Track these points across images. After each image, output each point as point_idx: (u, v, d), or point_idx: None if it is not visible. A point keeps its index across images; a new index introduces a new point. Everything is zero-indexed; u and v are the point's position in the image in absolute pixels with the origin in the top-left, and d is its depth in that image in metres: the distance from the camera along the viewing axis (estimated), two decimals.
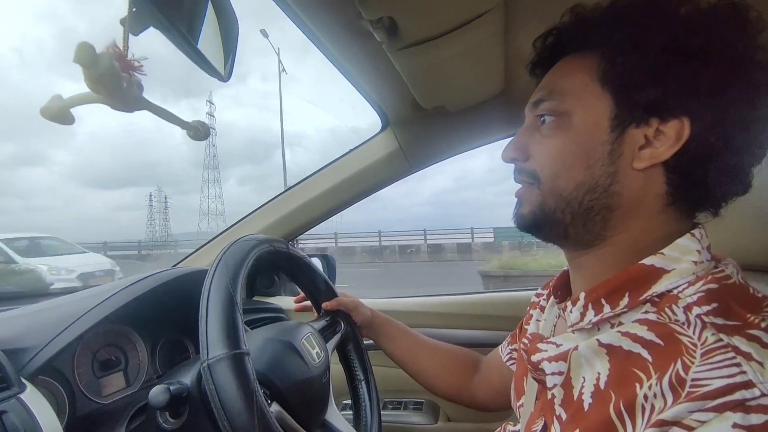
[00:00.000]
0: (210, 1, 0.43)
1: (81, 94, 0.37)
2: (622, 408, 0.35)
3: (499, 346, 0.76)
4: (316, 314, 0.86)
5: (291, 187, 1.10)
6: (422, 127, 0.98)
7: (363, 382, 0.81)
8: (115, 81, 0.36)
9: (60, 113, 0.37)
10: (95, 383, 0.70)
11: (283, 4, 0.58)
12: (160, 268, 0.86)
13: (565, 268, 0.56)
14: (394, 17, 0.58)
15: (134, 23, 0.34)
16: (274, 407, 0.57)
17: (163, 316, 0.82)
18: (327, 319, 0.81)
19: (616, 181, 0.43)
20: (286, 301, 1.20)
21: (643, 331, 0.38)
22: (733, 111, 0.39)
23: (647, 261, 0.41)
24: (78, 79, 0.36)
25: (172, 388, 0.54)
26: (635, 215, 0.43)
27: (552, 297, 0.59)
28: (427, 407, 1.10)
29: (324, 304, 0.82)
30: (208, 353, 0.49)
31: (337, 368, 0.79)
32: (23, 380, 0.52)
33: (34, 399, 0.51)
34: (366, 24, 0.59)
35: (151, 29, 0.36)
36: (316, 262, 1.37)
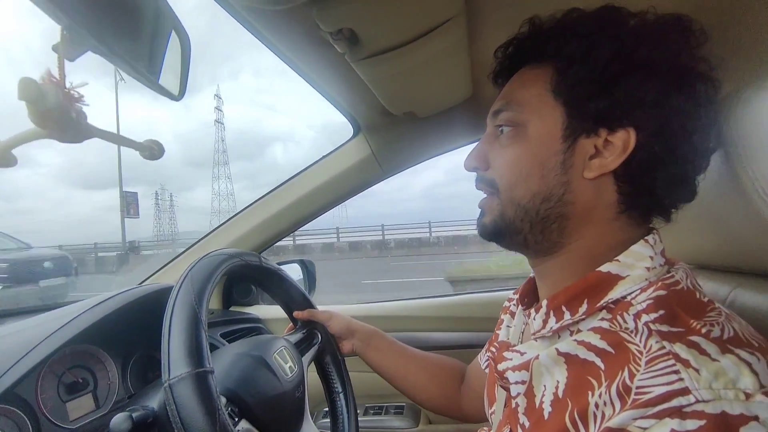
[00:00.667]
0: (155, 21, 0.42)
1: (23, 132, 0.36)
2: (576, 416, 0.36)
3: (479, 354, 0.76)
4: (292, 327, 0.85)
5: (263, 197, 1.08)
6: (393, 132, 0.97)
7: (341, 395, 0.81)
8: (63, 114, 0.34)
9: (1, 157, 0.35)
10: (61, 408, 0.68)
11: (241, 18, 0.57)
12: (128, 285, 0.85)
13: (531, 275, 0.56)
14: (353, 29, 0.57)
15: (69, 49, 0.33)
16: (243, 425, 0.56)
17: (134, 334, 0.80)
18: (304, 331, 0.80)
19: (569, 191, 0.44)
20: (263, 311, 1.19)
21: (596, 340, 0.39)
22: (675, 121, 0.40)
23: (603, 268, 0.42)
24: None
25: (134, 415, 0.53)
26: (589, 223, 0.44)
27: (520, 304, 0.60)
28: (408, 411, 1.10)
29: (295, 313, 0.81)
30: (170, 373, 0.48)
31: (315, 378, 0.79)
32: None
33: None
34: (326, 35, 0.59)
35: (89, 54, 0.34)
36: (295, 268, 1.35)
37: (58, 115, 0.34)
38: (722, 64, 0.42)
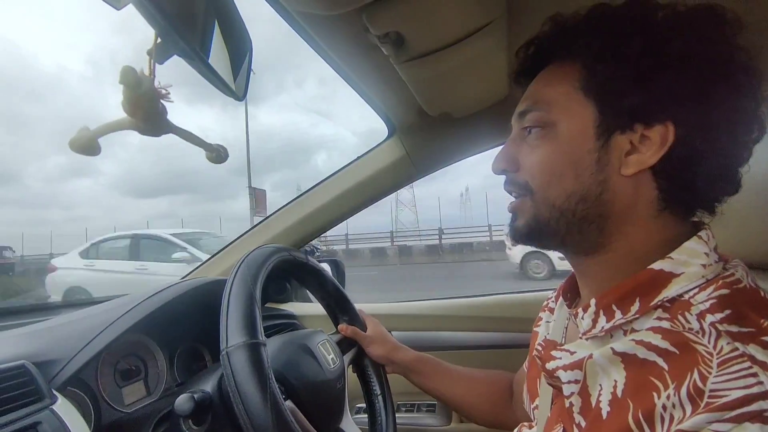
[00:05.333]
0: (225, 25, 0.45)
1: (109, 122, 0.40)
2: (641, 417, 0.35)
3: (524, 364, 0.75)
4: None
5: (299, 196, 1.12)
6: (428, 133, 0.99)
7: (379, 397, 0.82)
8: (152, 103, 0.38)
9: (88, 144, 0.39)
10: (118, 393, 0.72)
11: (294, 23, 0.60)
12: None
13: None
14: (400, 32, 0.60)
15: (160, 53, 0.36)
16: (289, 404, 0.59)
17: (180, 326, 0.84)
18: None
19: (606, 189, 0.43)
20: (297, 307, 1.21)
21: (657, 340, 0.38)
22: (716, 113, 0.39)
23: (655, 266, 0.41)
24: None
25: (196, 396, 0.56)
26: (630, 222, 0.43)
27: (561, 298, 0.60)
28: (440, 408, 1.11)
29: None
30: (227, 342, 0.52)
31: (351, 376, 0.80)
32: (54, 392, 0.55)
33: (65, 410, 0.53)
34: (373, 38, 0.61)
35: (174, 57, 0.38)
36: (326, 267, 1.38)
37: (148, 104, 0.38)
38: (762, 52, 0.41)
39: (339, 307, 0.85)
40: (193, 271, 1.19)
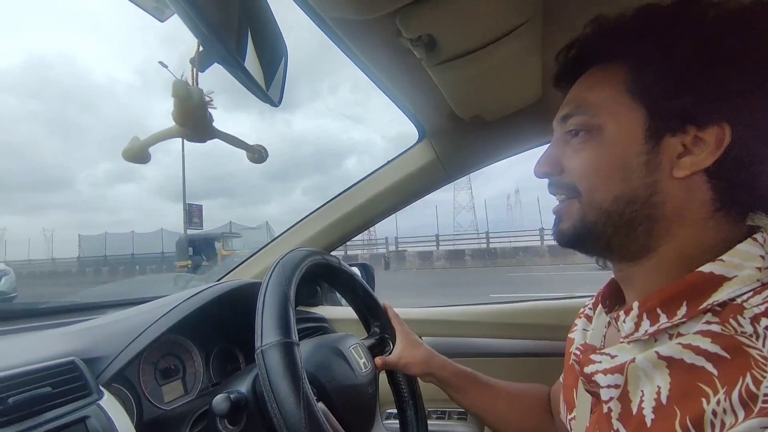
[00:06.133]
0: (261, 33, 0.47)
1: (158, 132, 0.42)
2: (689, 424, 0.34)
3: (561, 376, 0.72)
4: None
5: (331, 200, 1.13)
6: (459, 136, 0.98)
7: (411, 404, 0.81)
8: (203, 112, 0.40)
9: (139, 153, 0.41)
10: (158, 390, 0.74)
11: (326, 27, 0.61)
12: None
13: (612, 276, 0.55)
14: (433, 35, 0.60)
15: (202, 61, 0.37)
16: (320, 406, 0.59)
17: (216, 327, 0.86)
18: (376, 338, 0.82)
19: (657, 192, 0.42)
20: (328, 311, 1.23)
21: (706, 344, 0.36)
22: None
23: (705, 268, 0.40)
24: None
25: (232, 396, 0.57)
26: (681, 224, 0.42)
27: (599, 306, 0.58)
28: (471, 417, 1.09)
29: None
30: (262, 340, 0.53)
31: (382, 381, 0.80)
32: (101, 387, 0.57)
33: (111, 405, 0.55)
34: (405, 42, 0.61)
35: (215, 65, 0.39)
36: (356, 272, 1.40)
37: (198, 114, 0.39)
38: None
39: (370, 312, 0.85)
40: (227, 273, 1.23)
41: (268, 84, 0.48)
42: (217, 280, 1.19)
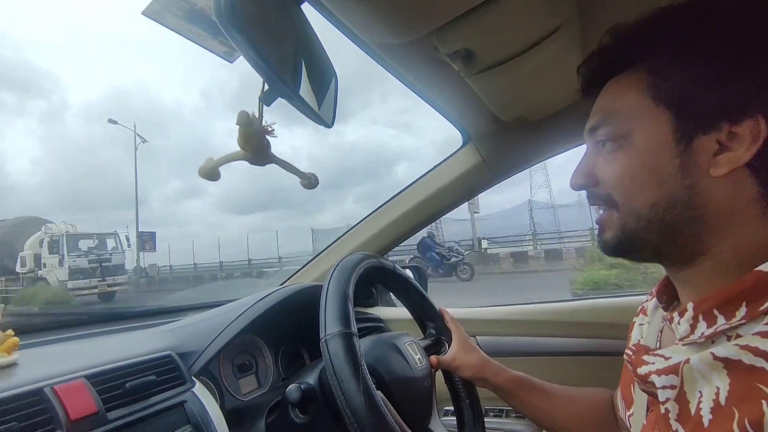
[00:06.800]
0: (313, 62, 0.53)
1: (227, 154, 0.50)
2: (748, 425, 0.34)
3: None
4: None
5: (381, 206, 1.19)
6: (503, 138, 1.00)
7: (467, 403, 0.83)
8: (261, 139, 0.47)
9: (212, 172, 0.49)
10: (235, 383, 0.84)
11: (370, 50, 0.67)
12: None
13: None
14: (469, 48, 0.63)
15: (268, 97, 0.44)
16: (379, 394, 0.64)
17: (283, 327, 0.95)
18: (432, 339, 0.85)
19: (696, 193, 0.41)
20: (383, 312, 1.28)
21: (766, 345, 0.35)
22: None
23: (764, 267, 0.38)
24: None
25: (303, 386, 0.64)
26: (732, 224, 0.41)
27: (655, 299, 0.57)
28: None
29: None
30: (325, 331, 0.59)
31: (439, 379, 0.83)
32: (193, 378, 0.67)
33: (202, 393, 0.65)
34: (443, 56, 0.65)
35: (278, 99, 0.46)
36: (408, 275, 1.44)
37: (257, 139, 0.46)
38: None
39: (425, 313, 0.89)
40: (290, 277, 1.32)
41: (321, 108, 0.54)
42: (281, 284, 1.29)
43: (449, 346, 0.83)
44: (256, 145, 0.48)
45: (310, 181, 0.60)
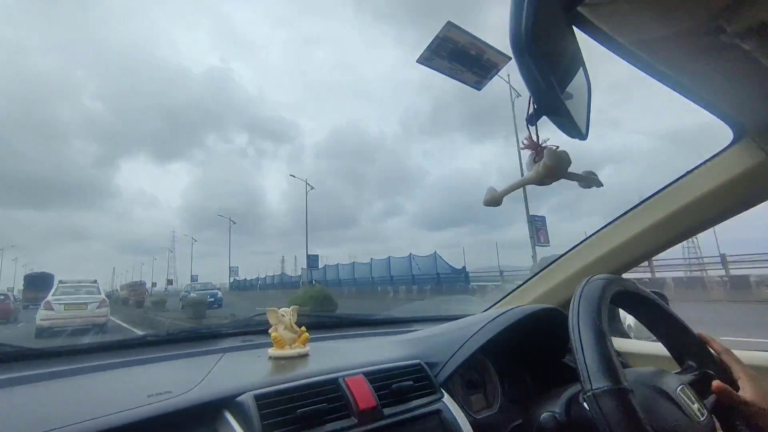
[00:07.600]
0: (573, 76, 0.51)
1: (510, 185, 0.56)
2: None
3: None
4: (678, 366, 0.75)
5: (616, 219, 1.05)
6: None
7: None
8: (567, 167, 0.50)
9: (496, 200, 0.53)
10: (468, 399, 0.85)
11: (622, 51, 0.60)
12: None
13: None
14: (766, 20, 0.50)
15: (533, 118, 0.44)
16: None
17: (509, 347, 0.92)
18: (695, 374, 0.70)
19: None
20: (617, 343, 1.12)
21: None
22: None
23: None
24: None
25: (557, 416, 0.60)
26: None
27: None
28: None
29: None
30: (591, 384, 0.52)
31: None
32: (440, 388, 0.71)
33: (451, 404, 0.68)
34: (726, 38, 0.53)
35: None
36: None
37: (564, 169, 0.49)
38: None
39: (682, 344, 0.73)
40: (504, 297, 1.29)
41: (577, 120, 0.51)
42: (493, 304, 1.28)
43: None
44: (562, 173, 0.52)
45: (588, 182, 0.58)
